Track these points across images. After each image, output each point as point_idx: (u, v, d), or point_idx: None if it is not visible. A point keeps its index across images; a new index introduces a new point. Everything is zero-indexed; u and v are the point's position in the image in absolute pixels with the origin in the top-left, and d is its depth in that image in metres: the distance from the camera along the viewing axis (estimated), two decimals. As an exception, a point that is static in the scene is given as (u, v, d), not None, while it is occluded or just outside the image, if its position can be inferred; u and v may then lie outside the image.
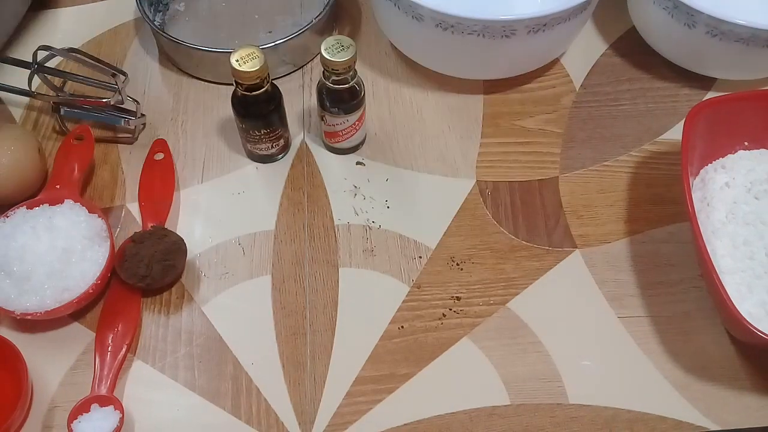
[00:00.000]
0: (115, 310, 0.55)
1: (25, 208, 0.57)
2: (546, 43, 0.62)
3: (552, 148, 0.65)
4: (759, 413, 0.52)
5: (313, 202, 0.61)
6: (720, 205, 0.57)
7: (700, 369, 0.53)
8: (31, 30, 0.73)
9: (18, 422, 0.50)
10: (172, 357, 0.54)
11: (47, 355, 0.54)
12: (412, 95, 0.68)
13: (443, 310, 0.56)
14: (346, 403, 0.52)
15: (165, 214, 0.60)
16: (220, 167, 0.63)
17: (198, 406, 0.52)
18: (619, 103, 0.68)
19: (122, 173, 0.63)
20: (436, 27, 0.59)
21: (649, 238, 0.59)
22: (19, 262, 0.53)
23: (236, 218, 0.60)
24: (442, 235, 0.59)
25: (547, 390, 0.52)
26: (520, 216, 0.60)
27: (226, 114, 0.67)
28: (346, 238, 0.59)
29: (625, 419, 0.51)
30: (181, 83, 0.69)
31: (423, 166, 0.63)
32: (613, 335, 0.55)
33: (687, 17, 0.61)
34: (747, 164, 0.59)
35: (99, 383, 0.51)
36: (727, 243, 0.55)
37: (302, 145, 0.65)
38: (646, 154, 0.64)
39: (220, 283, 0.57)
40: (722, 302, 0.48)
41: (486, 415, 0.51)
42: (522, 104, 0.67)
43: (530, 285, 0.57)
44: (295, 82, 0.69)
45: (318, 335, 0.55)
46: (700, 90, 0.68)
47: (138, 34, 0.73)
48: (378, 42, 0.71)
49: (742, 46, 0.60)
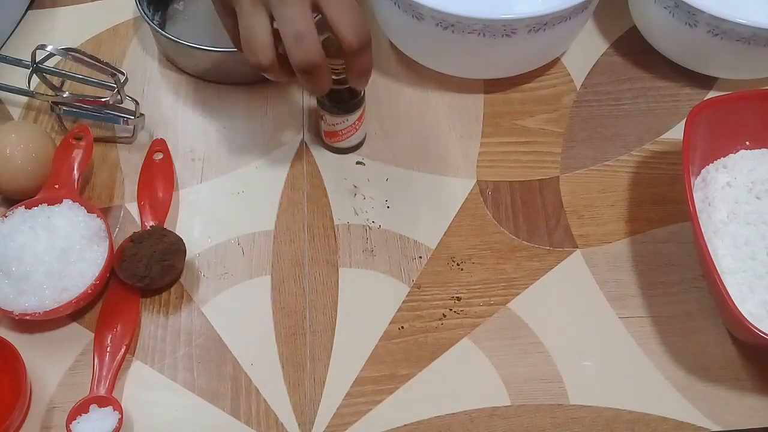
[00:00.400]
0: (114, 310, 0.55)
1: (24, 207, 0.56)
2: (547, 43, 0.62)
3: (553, 147, 0.64)
4: (760, 414, 0.51)
5: (313, 202, 0.61)
6: (721, 204, 0.57)
7: (702, 369, 0.53)
8: (29, 29, 0.73)
9: (17, 423, 0.50)
10: (171, 357, 0.54)
11: (46, 356, 0.53)
12: (412, 95, 0.68)
13: (443, 310, 0.56)
14: (346, 403, 0.52)
15: (164, 214, 0.59)
16: (219, 167, 0.63)
17: (197, 406, 0.52)
18: (620, 102, 0.68)
19: (121, 173, 0.63)
20: (436, 26, 0.59)
21: (650, 238, 0.59)
22: (18, 262, 0.52)
23: (235, 218, 0.60)
24: (443, 235, 0.59)
25: (548, 390, 0.52)
26: (521, 216, 0.60)
27: (226, 113, 0.67)
28: (346, 238, 0.59)
29: (626, 420, 0.51)
30: (180, 82, 0.69)
31: (423, 166, 0.63)
32: (614, 336, 0.55)
33: (688, 16, 0.61)
34: (748, 164, 0.59)
35: (98, 384, 0.51)
36: (729, 243, 0.55)
37: (302, 145, 0.64)
38: (648, 153, 0.64)
39: (220, 284, 0.57)
40: (724, 302, 0.48)
41: (486, 415, 0.51)
42: (522, 104, 0.67)
43: (531, 285, 0.57)
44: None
45: (318, 335, 0.54)
46: (701, 89, 0.68)
47: (137, 33, 0.72)
48: (378, 41, 0.71)
49: (743, 45, 0.60)
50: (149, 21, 0.67)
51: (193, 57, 0.67)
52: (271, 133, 0.65)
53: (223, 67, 0.67)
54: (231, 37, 0.53)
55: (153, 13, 0.70)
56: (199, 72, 0.68)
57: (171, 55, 0.69)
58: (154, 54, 0.71)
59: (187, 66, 0.69)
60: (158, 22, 0.70)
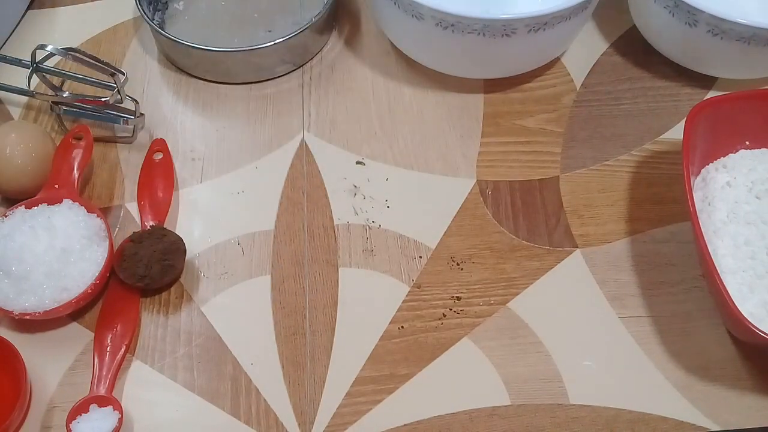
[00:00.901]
0: (114, 310, 0.55)
1: (24, 207, 0.56)
2: (546, 42, 0.62)
3: (553, 147, 0.64)
4: (761, 414, 0.51)
5: (313, 201, 0.61)
6: (721, 204, 0.57)
7: (702, 369, 0.53)
8: (29, 29, 0.73)
9: (17, 422, 0.50)
10: (171, 357, 0.54)
11: (46, 356, 0.53)
12: (412, 95, 0.68)
13: (443, 310, 0.56)
14: (346, 403, 0.52)
15: (164, 213, 0.59)
16: (219, 167, 0.63)
17: (197, 406, 0.52)
18: (620, 102, 0.68)
19: (121, 173, 0.63)
20: (436, 26, 0.59)
21: (650, 238, 0.59)
22: (18, 261, 0.52)
23: (235, 218, 0.60)
24: (442, 234, 0.59)
25: (548, 390, 0.52)
26: (521, 216, 0.60)
27: (226, 113, 0.67)
28: (346, 237, 0.59)
29: (626, 419, 0.51)
30: (180, 82, 0.69)
31: (423, 165, 0.63)
32: (614, 335, 0.55)
33: (688, 16, 0.61)
34: (748, 163, 0.59)
35: (98, 383, 0.51)
36: (729, 243, 0.55)
37: (302, 145, 0.64)
38: (647, 153, 0.64)
39: (220, 283, 0.57)
40: (723, 302, 0.48)
41: (486, 415, 0.51)
42: (522, 103, 0.67)
43: (531, 285, 0.57)
44: (295, 81, 0.68)
45: (317, 335, 0.54)
46: (701, 89, 0.68)
47: (137, 33, 0.72)
48: (378, 41, 0.71)
49: (743, 45, 0.60)
50: (149, 21, 0.67)
51: (193, 57, 0.67)
52: (271, 133, 0.65)
53: (223, 67, 0.67)
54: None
55: (153, 13, 0.70)
56: (199, 72, 0.68)
57: (171, 55, 0.69)
58: (154, 54, 0.71)
59: (187, 66, 0.69)
60: (158, 22, 0.70)
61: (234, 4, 0.73)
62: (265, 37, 0.69)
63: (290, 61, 0.68)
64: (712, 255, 0.51)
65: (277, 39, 0.65)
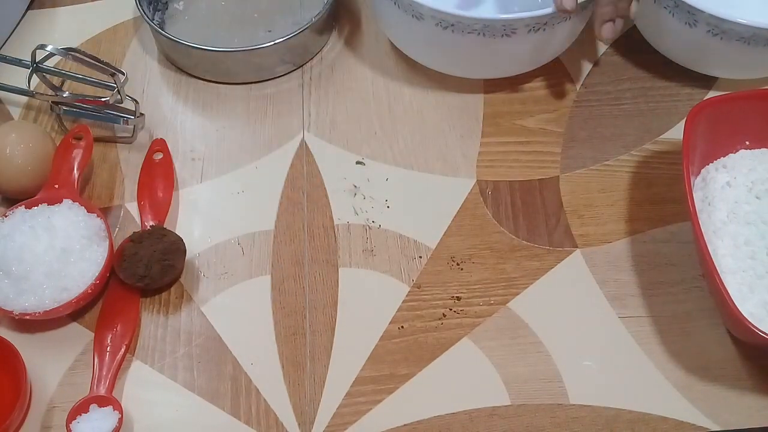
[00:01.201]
0: (114, 310, 0.55)
1: (24, 207, 0.56)
2: (546, 42, 0.62)
3: (553, 147, 0.64)
4: (761, 414, 0.51)
5: (313, 201, 0.61)
6: (721, 204, 0.57)
7: (702, 369, 0.53)
8: (29, 29, 0.73)
9: (17, 422, 0.50)
10: (171, 357, 0.54)
11: (46, 356, 0.53)
12: (412, 95, 0.68)
13: (443, 310, 0.56)
14: (346, 403, 0.52)
15: (164, 213, 0.59)
16: (219, 167, 0.63)
17: (197, 406, 0.52)
18: (620, 102, 0.68)
19: (121, 173, 0.63)
20: (436, 26, 0.59)
21: (650, 238, 0.59)
22: (18, 261, 0.52)
23: (235, 218, 0.60)
24: (442, 234, 0.59)
25: (548, 390, 0.52)
26: (521, 216, 0.60)
27: (226, 113, 0.67)
28: (346, 237, 0.59)
29: (626, 419, 0.51)
30: (180, 82, 0.69)
31: (423, 165, 0.63)
32: (614, 335, 0.55)
33: (688, 16, 0.61)
34: (748, 164, 0.59)
35: (98, 383, 0.51)
36: (729, 243, 0.55)
37: (302, 145, 0.64)
38: (647, 153, 0.64)
39: (220, 283, 0.57)
40: (723, 302, 0.48)
41: (486, 415, 0.51)
42: (522, 103, 0.67)
43: (531, 285, 0.57)
44: (295, 81, 0.68)
45: (317, 335, 0.54)
46: (701, 89, 0.68)
47: (137, 33, 0.72)
48: (378, 41, 0.71)
49: (743, 45, 0.60)
50: (149, 21, 0.67)
51: (193, 57, 0.67)
52: (271, 133, 0.65)
53: (223, 67, 0.67)
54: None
55: (153, 13, 0.70)
56: (199, 72, 0.68)
57: (171, 55, 0.69)
58: (154, 54, 0.71)
59: (187, 66, 0.69)
60: (158, 22, 0.70)
61: (234, 4, 0.73)
62: (265, 37, 0.69)
63: (290, 61, 0.68)
64: (712, 255, 0.51)
65: (277, 39, 0.65)
